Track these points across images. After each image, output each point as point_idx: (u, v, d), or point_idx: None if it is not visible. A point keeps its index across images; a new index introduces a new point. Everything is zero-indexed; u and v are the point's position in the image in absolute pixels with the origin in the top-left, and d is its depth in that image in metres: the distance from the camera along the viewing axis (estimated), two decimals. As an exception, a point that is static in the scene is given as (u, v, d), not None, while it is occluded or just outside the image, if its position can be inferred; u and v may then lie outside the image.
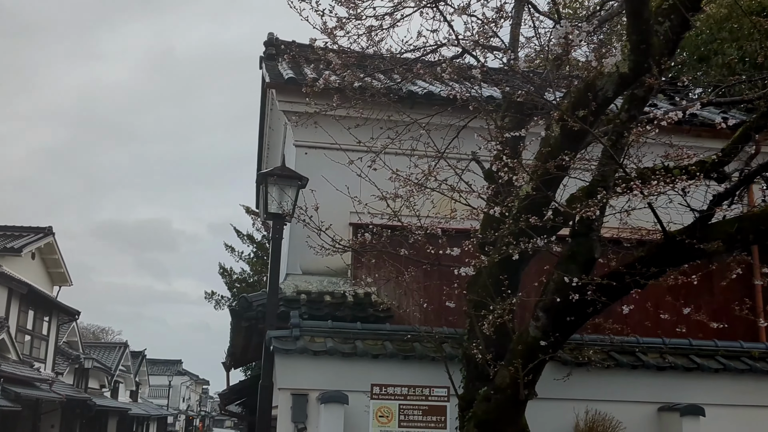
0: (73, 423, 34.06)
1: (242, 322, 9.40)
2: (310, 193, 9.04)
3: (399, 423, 7.30)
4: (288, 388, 8.52)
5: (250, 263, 32.12)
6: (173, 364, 78.91)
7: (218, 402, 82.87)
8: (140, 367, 53.86)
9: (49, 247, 31.86)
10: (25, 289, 28.13)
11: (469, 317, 7.77)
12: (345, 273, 10.16)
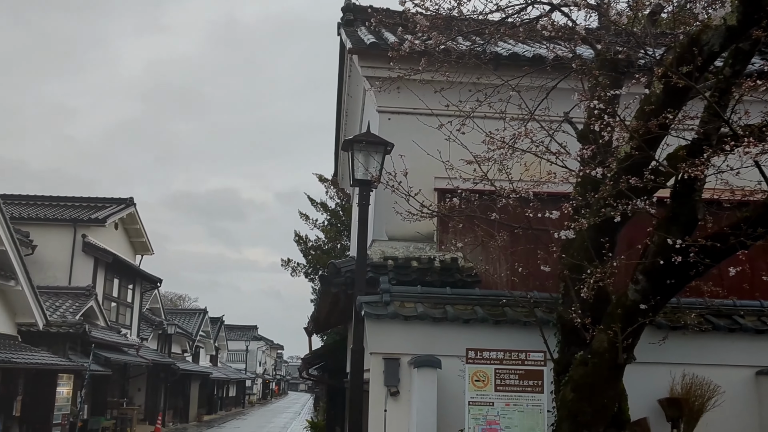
0: (157, 386, 35.07)
1: (331, 288, 9.39)
2: (394, 159, 8.95)
3: (495, 387, 7.20)
4: (380, 353, 8.49)
5: (325, 230, 32.31)
6: (249, 330, 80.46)
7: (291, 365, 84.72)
8: (219, 333, 55.04)
9: (131, 218, 32.62)
10: (110, 258, 28.91)
11: (564, 281, 7.58)
12: (431, 238, 10.06)
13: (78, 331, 20.96)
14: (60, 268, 27.67)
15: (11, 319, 19.57)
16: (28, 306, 19.50)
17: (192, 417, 42.07)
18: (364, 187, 9.19)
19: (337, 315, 13.18)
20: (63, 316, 22.30)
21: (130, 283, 32.55)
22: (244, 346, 71.65)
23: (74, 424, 20.84)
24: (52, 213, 29.21)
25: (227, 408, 57.65)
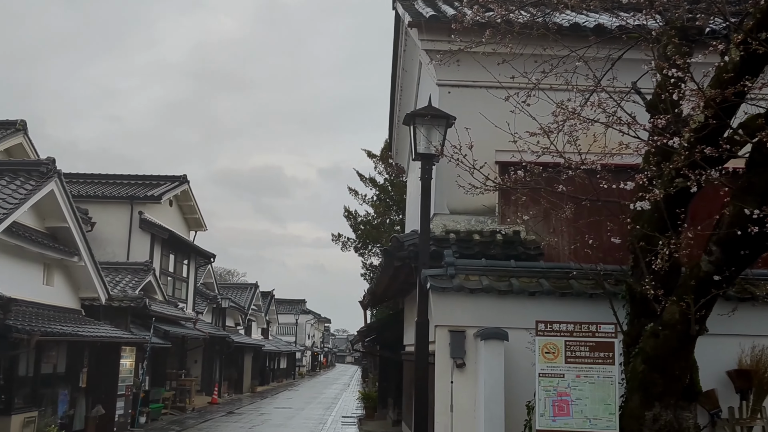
0: (213, 358, 35.65)
1: (394, 262, 9.39)
2: (456, 133, 8.87)
3: (566, 359, 7.14)
4: (445, 325, 8.49)
5: (374, 205, 32.39)
6: (297, 304, 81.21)
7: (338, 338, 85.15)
8: (269, 307, 55.64)
9: (185, 195, 32.96)
10: (166, 235, 29.30)
11: (634, 252, 7.47)
12: (492, 212, 9.98)
13: (139, 305, 21.34)
14: (118, 245, 28.13)
15: (75, 294, 19.98)
16: (91, 281, 19.88)
17: (246, 388, 42.74)
18: (427, 161, 9.13)
19: (395, 289, 13.22)
20: (123, 291, 22.71)
21: (185, 258, 32.98)
22: (293, 320, 72.43)
23: (137, 395, 21.30)
24: (109, 191, 29.66)
25: (278, 379, 58.48)
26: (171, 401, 26.61)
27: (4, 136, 23.78)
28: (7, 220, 15.32)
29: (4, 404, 14.44)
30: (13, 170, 17.61)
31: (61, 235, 18.59)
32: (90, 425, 18.63)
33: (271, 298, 55.98)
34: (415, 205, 13.52)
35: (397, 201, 31.84)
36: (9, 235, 15.67)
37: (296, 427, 23.20)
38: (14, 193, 16.41)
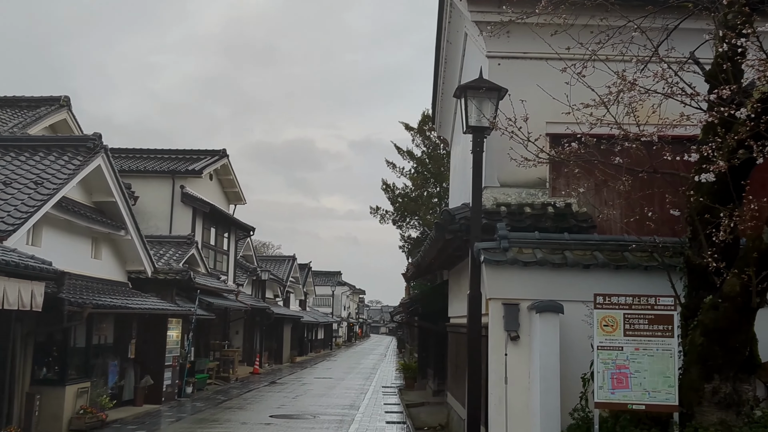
0: (253, 329, 36.07)
1: (445, 235, 9.36)
2: (510, 105, 8.77)
3: (624, 332, 7.09)
4: (499, 298, 8.46)
5: (412, 178, 32.36)
6: (333, 276, 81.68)
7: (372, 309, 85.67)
8: (307, 278, 56.06)
9: (225, 168, 33.17)
10: (208, 208, 29.56)
11: (692, 225, 7.36)
12: (543, 184, 9.88)
13: (184, 278, 21.59)
14: (161, 218, 28.44)
15: (122, 267, 20.27)
16: (137, 254, 20.14)
17: (285, 358, 43.22)
18: (478, 133, 9.05)
19: (441, 261, 13.22)
20: (168, 264, 22.99)
21: (225, 231, 33.26)
22: (329, 291, 72.92)
23: (183, 366, 21.65)
24: (151, 165, 29.94)
25: (316, 350, 59.07)
26: (215, 371, 27.00)
27: (49, 112, 24.08)
28: (56, 195, 15.54)
29: (58, 375, 14.75)
30: (61, 146, 17.83)
31: (108, 210, 18.83)
32: (139, 395, 18.99)
33: (308, 270, 56.38)
34: (459, 178, 13.48)
35: (435, 174, 31.79)
36: (59, 209, 15.90)
37: (338, 396, 23.41)
38: (63, 169, 16.63)
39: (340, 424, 16.51)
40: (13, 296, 11.82)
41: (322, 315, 63.34)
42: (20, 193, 15.24)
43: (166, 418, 17.21)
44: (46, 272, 12.77)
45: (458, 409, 12.27)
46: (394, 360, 50.43)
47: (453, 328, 13.64)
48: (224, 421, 16.68)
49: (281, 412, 18.68)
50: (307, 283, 56.53)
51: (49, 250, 15.43)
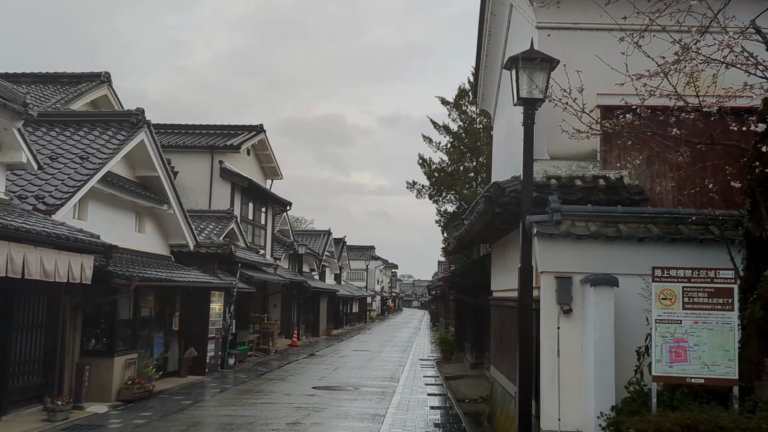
0: (290, 302, 36.33)
1: (495, 208, 9.24)
2: (556, 77, 8.61)
3: (683, 305, 6.95)
4: (551, 272, 8.35)
5: (448, 153, 32.16)
6: (367, 250, 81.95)
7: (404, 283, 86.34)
8: (341, 253, 56.26)
9: (262, 144, 33.29)
10: (246, 183, 29.72)
11: (753, 197, 7.18)
12: (594, 157, 9.70)
13: (225, 252, 21.74)
14: (200, 193, 28.65)
15: (165, 241, 20.45)
16: (180, 228, 20.31)
17: (321, 331, 43.54)
18: (530, 105, 8.89)
19: (485, 235, 13.10)
20: (208, 238, 23.17)
21: (262, 206, 33.43)
22: (363, 266, 73.29)
23: (225, 338, 21.86)
24: (190, 141, 30.10)
25: (351, 323, 59.40)
26: (255, 344, 27.25)
27: (90, 88, 24.27)
28: (102, 169, 15.67)
29: (107, 347, 14.95)
30: (104, 121, 17.96)
31: (151, 184, 18.98)
32: (183, 366, 19.24)
33: (342, 245, 56.56)
34: (503, 152, 13.32)
35: (471, 148, 31.57)
36: (104, 184, 16.05)
37: (377, 368, 23.52)
38: (107, 144, 16.76)
39: (382, 396, 16.57)
40: (64, 269, 11.98)
41: (356, 289, 63.65)
42: (66, 168, 15.40)
43: (211, 388, 17.41)
44: (95, 245, 12.91)
45: (503, 381, 12.21)
46: (428, 333, 50.56)
47: (496, 301, 13.55)
48: (268, 392, 16.83)
49: (323, 383, 18.81)
50: (341, 258, 56.73)
51: (95, 223, 15.59)
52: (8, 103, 12.36)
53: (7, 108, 12.32)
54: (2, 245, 10.17)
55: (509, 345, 11.69)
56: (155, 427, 12.16)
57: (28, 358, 12.92)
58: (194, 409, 14.13)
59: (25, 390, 12.80)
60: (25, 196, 14.13)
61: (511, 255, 11.63)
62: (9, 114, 12.50)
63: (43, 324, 13.40)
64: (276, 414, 13.68)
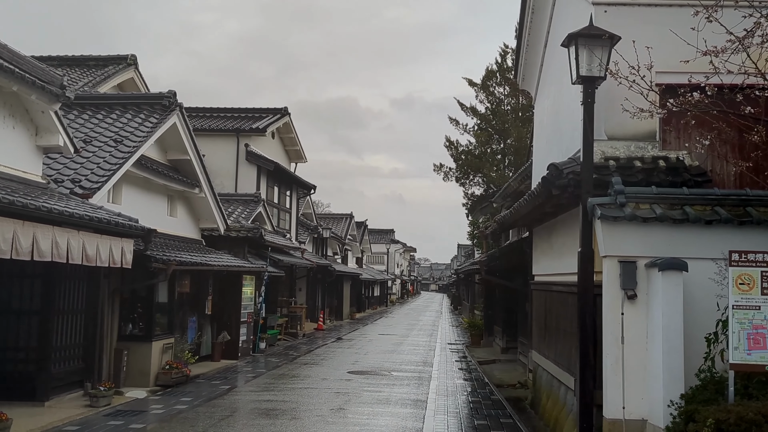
0: (315, 286, 36.25)
1: (552, 190, 8.99)
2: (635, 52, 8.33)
3: (762, 290, 6.70)
4: (615, 255, 8.12)
5: (476, 135, 31.84)
6: (386, 233, 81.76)
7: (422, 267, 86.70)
8: (363, 236, 56.12)
9: (287, 127, 33.03)
10: (272, 166, 29.50)
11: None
12: (653, 137, 9.43)
13: (255, 235, 21.60)
14: (226, 176, 28.48)
15: (196, 224, 20.35)
16: (211, 212, 20.20)
17: (345, 315, 43.47)
18: (589, 84, 8.60)
19: (529, 218, 12.86)
20: (237, 221, 23.01)
21: (287, 189, 33.22)
22: (383, 249, 73.09)
23: (257, 322, 21.78)
24: (215, 124, 29.93)
25: (372, 307, 59.36)
26: (284, 327, 27.18)
27: (117, 71, 24.13)
28: (137, 152, 15.54)
29: (145, 331, 14.87)
30: (136, 104, 17.82)
31: (182, 168, 18.86)
32: (217, 351, 19.17)
33: (364, 228, 56.45)
34: (549, 132, 13.02)
35: (499, 130, 31.25)
36: (138, 167, 15.93)
37: (407, 353, 23.40)
38: (141, 126, 16.61)
39: (419, 381, 16.43)
40: (105, 253, 11.86)
41: (377, 272, 63.56)
42: (101, 151, 15.28)
43: (246, 373, 17.33)
44: (134, 229, 12.80)
45: (549, 367, 12.00)
46: (450, 317, 50.43)
47: (540, 285, 13.31)
48: (304, 377, 16.72)
49: (357, 368, 18.69)
50: (363, 241, 56.59)
51: (129, 207, 15.45)
52: (46, 86, 12.22)
53: (45, 90, 12.17)
54: (46, 230, 10.05)
55: (558, 330, 11.48)
56: (198, 412, 12.07)
57: (69, 343, 12.85)
58: (233, 394, 14.04)
59: (67, 375, 12.73)
60: (61, 180, 14.02)
61: (560, 238, 11.40)
62: (47, 97, 12.36)
63: (83, 309, 13.31)
64: (317, 399, 13.56)
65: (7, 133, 12.22)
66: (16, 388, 11.87)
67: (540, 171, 13.76)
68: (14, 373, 12.18)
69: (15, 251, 9.21)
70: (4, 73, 11.03)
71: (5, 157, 12.08)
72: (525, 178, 20.20)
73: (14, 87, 11.53)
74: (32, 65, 12.53)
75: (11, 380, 12.04)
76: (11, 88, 11.52)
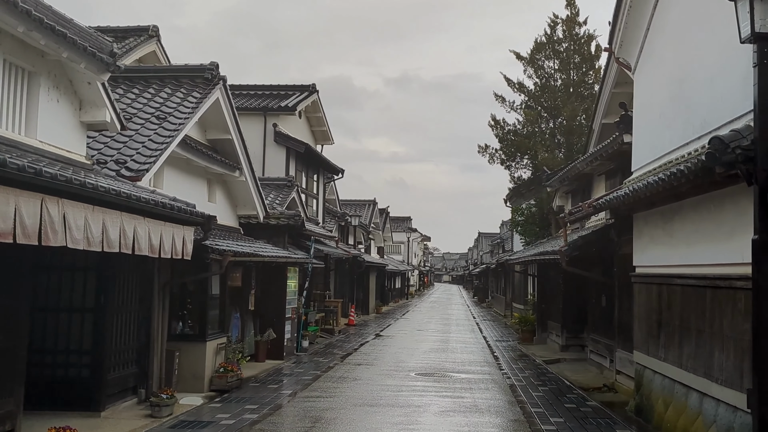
0: (343, 278, 35.43)
1: (717, 167, 8.11)
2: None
3: None
4: (809, 244, 7.24)
5: (525, 113, 30.87)
6: (403, 221, 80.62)
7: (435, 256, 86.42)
8: (385, 224, 55.23)
9: (314, 106, 32.10)
10: (302, 148, 28.58)
11: None
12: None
13: (297, 223, 20.76)
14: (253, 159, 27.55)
15: (234, 211, 19.52)
16: (250, 197, 19.37)
17: (371, 309, 42.67)
18: (765, 42, 7.71)
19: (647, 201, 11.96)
20: (272, 207, 22.19)
21: (314, 173, 32.36)
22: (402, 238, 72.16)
23: (300, 318, 20.94)
24: (240, 102, 28.98)
25: (394, 300, 58.59)
26: (321, 323, 26.37)
27: (138, 43, 23.18)
28: (183, 130, 14.82)
29: (199, 330, 14.09)
30: (175, 77, 17.02)
31: (221, 148, 18.05)
32: (261, 350, 18.35)
33: (386, 216, 55.52)
34: (663, 104, 12.09)
35: (549, 108, 30.31)
36: (182, 147, 15.10)
37: (461, 351, 22.70)
38: (184, 102, 15.82)
39: (496, 384, 15.71)
40: (168, 243, 11.05)
41: (399, 263, 62.77)
42: (145, 129, 14.48)
43: (299, 375, 16.46)
44: (196, 216, 11.94)
45: (668, 371, 11.15)
46: (479, 311, 49.71)
47: (649, 278, 12.43)
48: (366, 380, 15.91)
49: (418, 368, 17.93)
50: (385, 230, 55.72)
51: (170, 192, 14.59)
52: (97, 53, 11.34)
53: (95, 58, 11.28)
54: (114, 216, 9.19)
55: (686, 330, 10.62)
56: (274, 422, 11.25)
57: (124, 344, 12.01)
58: (302, 401, 13.21)
59: (122, 381, 11.90)
60: (104, 161, 13.19)
61: (689, 224, 10.52)
62: (96, 66, 11.47)
63: (136, 306, 12.48)
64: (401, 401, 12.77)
65: (51, 107, 11.34)
66: (69, 397, 11.02)
67: (645, 148, 12.87)
68: (66, 380, 11.32)
69: (86, 240, 8.36)
70: (56, 37, 10.14)
71: (49, 134, 11.21)
72: (595, 160, 19.34)
73: (64, 54, 10.64)
74: (79, 29, 11.61)
75: (63, 388, 11.17)
76: (61, 55, 10.63)
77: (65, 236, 7.89)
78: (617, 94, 21.85)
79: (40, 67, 10.86)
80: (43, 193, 7.45)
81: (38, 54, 10.69)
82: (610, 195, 12.61)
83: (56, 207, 7.68)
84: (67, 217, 7.88)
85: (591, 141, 24.49)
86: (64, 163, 11.17)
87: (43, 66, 10.94)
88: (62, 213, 7.79)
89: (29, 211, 7.14)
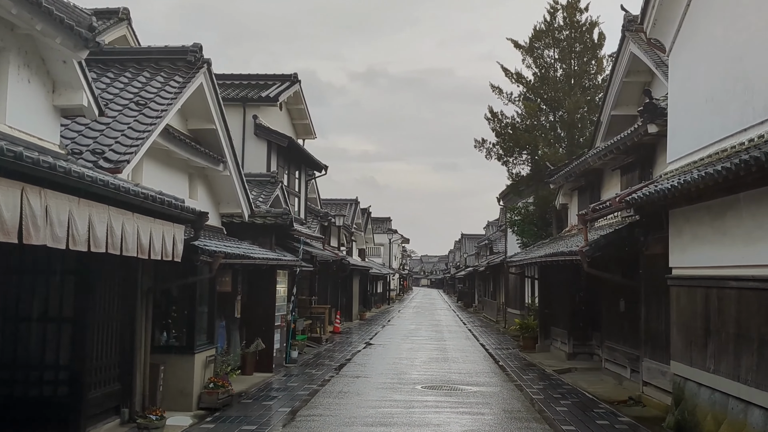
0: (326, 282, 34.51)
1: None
2: None
3: None
4: None
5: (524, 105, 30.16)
6: (383, 222, 79.74)
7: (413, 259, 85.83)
8: (367, 225, 54.35)
9: (296, 97, 31.22)
10: (285, 142, 27.72)
11: None
12: None
13: (285, 223, 19.84)
14: (232, 153, 26.72)
15: (216, 209, 18.56)
16: (235, 194, 18.41)
17: (354, 315, 41.76)
18: None
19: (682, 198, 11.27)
20: (256, 206, 21.28)
21: (296, 169, 31.44)
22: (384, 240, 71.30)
23: (289, 326, 20.03)
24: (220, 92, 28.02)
25: (376, 305, 57.72)
26: (309, 331, 25.46)
27: (107, 27, 22.18)
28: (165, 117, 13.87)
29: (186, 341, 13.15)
30: (155, 60, 16.07)
31: (204, 139, 17.11)
32: (249, 362, 17.38)
33: (368, 216, 54.63)
34: (710, 87, 11.38)
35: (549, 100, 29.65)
36: (165, 137, 14.18)
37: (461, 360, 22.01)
38: (166, 86, 14.89)
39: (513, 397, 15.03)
40: (159, 242, 10.16)
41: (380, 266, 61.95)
42: (123, 116, 13.54)
43: (293, 390, 15.54)
44: (187, 213, 11.03)
45: (719, 384, 10.45)
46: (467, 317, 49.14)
47: (692, 281, 11.72)
48: (370, 395, 15.12)
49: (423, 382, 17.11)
50: (367, 231, 54.84)
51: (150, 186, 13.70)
52: (74, 26, 10.38)
53: (73, 32, 10.32)
54: (102, 210, 8.28)
55: (745, 339, 9.91)
56: (281, 448, 10.39)
57: (105, 359, 11.03)
58: (305, 420, 12.34)
59: (103, 400, 10.90)
60: (79, 151, 12.23)
61: (747, 221, 9.82)
62: (73, 41, 10.49)
63: (118, 315, 11.51)
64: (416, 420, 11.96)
65: (21, 87, 10.37)
66: (44, 419, 10.04)
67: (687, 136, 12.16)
68: (41, 399, 10.33)
69: (72, 239, 7.44)
70: (30, 6, 9.19)
71: (19, 118, 10.22)
72: (609, 153, 18.69)
73: (38, 26, 9.65)
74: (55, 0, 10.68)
75: (38, 408, 10.17)
76: (34, 27, 9.65)
77: (47, 233, 6.98)
78: (629, 83, 21.32)
79: (9, 42, 9.90)
80: (23, 181, 6.54)
81: (8, 27, 9.72)
82: (649, 188, 11.87)
83: (38, 198, 6.77)
84: (49, 210, 6.97)
85: (599, 134, 23.90)
86: (37, 151, 10.23)
87: (12, 41, 9.98)
88: (45, 205, 6.88)
89: (8, 202, 6.23)
